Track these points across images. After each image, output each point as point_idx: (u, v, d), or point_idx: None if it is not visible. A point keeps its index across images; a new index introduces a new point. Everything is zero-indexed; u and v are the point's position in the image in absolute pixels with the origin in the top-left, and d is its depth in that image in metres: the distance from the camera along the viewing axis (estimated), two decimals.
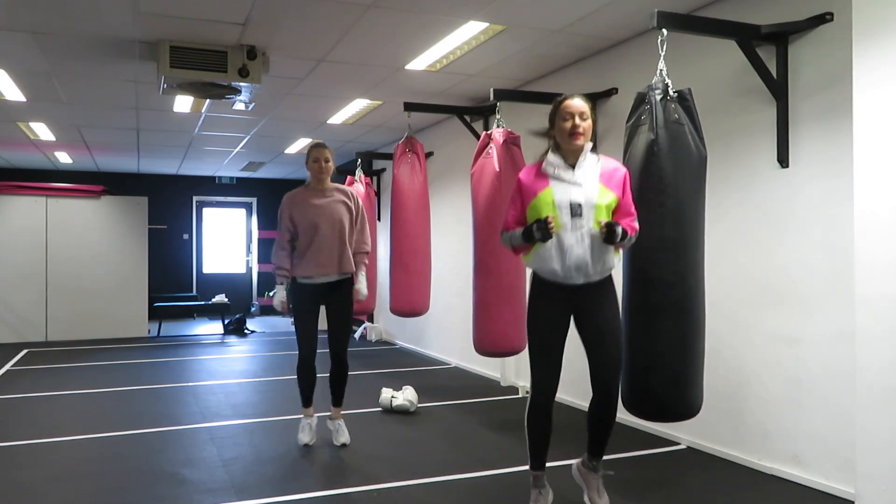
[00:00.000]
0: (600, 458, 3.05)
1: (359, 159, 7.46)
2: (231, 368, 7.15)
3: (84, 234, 9.43)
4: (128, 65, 5.24)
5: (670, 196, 2.91)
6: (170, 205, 12.10)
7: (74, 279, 9.36)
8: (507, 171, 4.30)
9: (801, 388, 3.44)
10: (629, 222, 2.86)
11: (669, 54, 3.02)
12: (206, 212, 12.76)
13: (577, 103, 2.86)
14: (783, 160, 3.52)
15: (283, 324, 11.15)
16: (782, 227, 3.55)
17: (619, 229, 2.73)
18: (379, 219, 8.89)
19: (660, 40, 3.02)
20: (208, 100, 5.72)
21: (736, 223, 3.81)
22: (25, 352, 8.23)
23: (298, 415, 4.63)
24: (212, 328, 10.70)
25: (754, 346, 3.70)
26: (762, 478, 3.56)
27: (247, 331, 10.09)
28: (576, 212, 2.79)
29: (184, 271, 12.45)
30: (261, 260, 12.92)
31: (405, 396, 5.06)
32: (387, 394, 5.14)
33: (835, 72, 3.27)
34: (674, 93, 2.97)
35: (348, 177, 7.24)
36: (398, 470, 3.72)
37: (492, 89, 4.61)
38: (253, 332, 10.17)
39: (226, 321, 10.16)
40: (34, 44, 4.78)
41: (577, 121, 2.82)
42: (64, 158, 10.07)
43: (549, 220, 2.72)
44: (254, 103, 5.68)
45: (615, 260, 2.90)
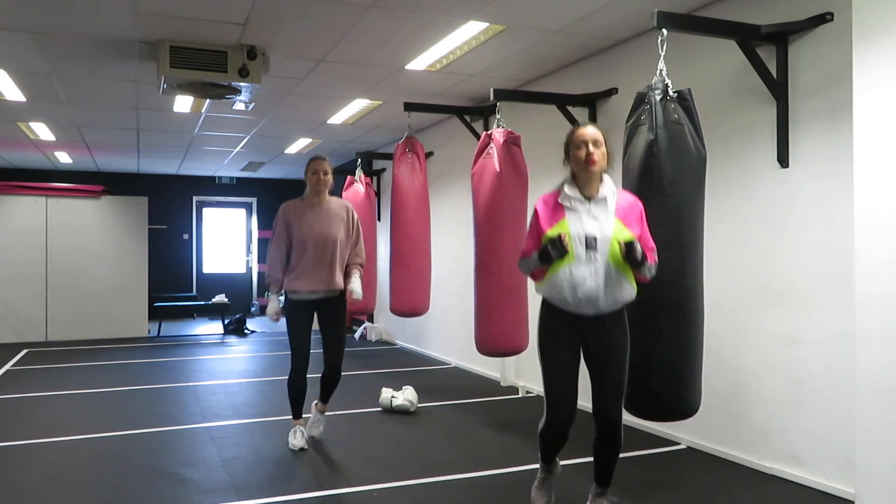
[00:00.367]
0: (607, 487, 3.00)
1: (359, 159, 7.46)
2: (231, 368, 7.15)
3: (84, 234, 9.43)
4: (128, 65, 5.24)
5: (670, 196, 2.91)
6: (170, 205, 12.10)
7: (74, 279, 9.35)
8: (508, 171, 4.29)
9: (801, 388, 3.44)
10: (650, 256, 2.80)
11: (669, 54, 3.02)
12: (206, 212, 12.76)
13: (590, 131, 2.82)
14: (783, 160, 3.52)
15: (282, 324, 11.12)
16: (782, 227, 3.55)
17: (638, 248, 2.68)
18: (379, 219, 8.89)
19: (660, 40, 3.02)
20: (208, 100, 5.72)
21: (736, 223, 3.81)
22: (25, 352, 8.24)
23: None
24: (212, 328, 10.70)
25: (754, 346, 3.70)
26: (762, 478, 3.56)
27: (247, 331, 10.09)
28: (590, 244, 2.74)
29: (184, 271, 12.46)
30: (261, 260, 12.91)
31: (405, 396, 5.06)
32: (387, 394, 5.14)
33: (835, 72, 3.27)
34: (673, 93, 2.97)
35: (348, 177, 7.24)
36: (398, 470, 3.72)
37: (492, 89, 4.61)
38: (253, 332, 10.17)
39: (226, 321, 10.16)
40: (34, 44, 4.78)
41: (591, 148, 2.78)
42: (64, 158, 10.08)
43: (562, 237, 2.70)
44: (254, 103, 5.68)
45: (632, 291, 2.82)
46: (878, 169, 2.74)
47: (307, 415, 4.31)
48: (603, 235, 2.75)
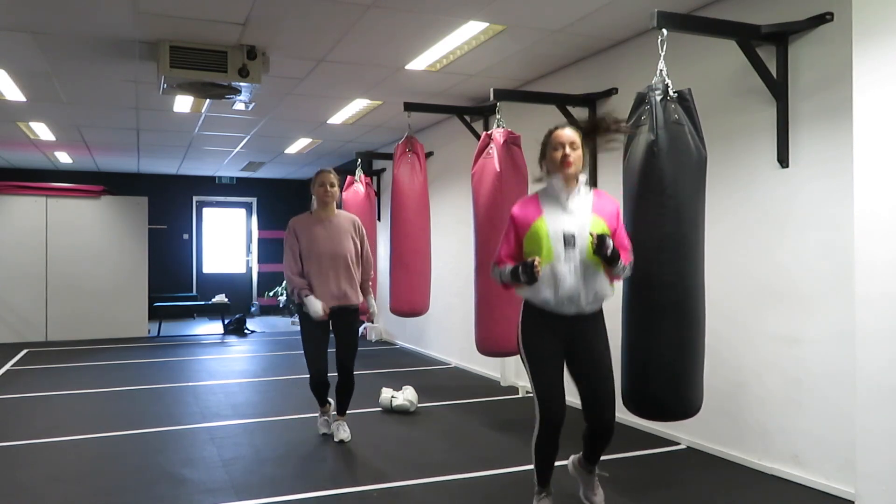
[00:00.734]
0: (596, 464, 3.05)
1: (359, 159, 7.46)
2: (231, 368, 7.15)
3: (84, 234, 9.43)
4: (128, 65, 5.24)
5: (670, 196, 2.91)
6: (170, 205, 12.10)
7: (74, 279, 9.36)
8: (508, 172, 4.30)
9: (801, 388, 3.44)
10: (624, 255, 2.82)
11: (669, 54, 3.02)
12: (206, 212, 12.76)
13: (566, 133, 2.86)
14: (783, 160, 3.52)
15: (282, 324, 11.16)
16: (782, 227, 3.55)
17: (609, 242, 2.69)
18: (379, 219, 8.89)
19: (660, 40, 3.02)
20: (208, 100, 5.72)
21: (736, 223, 3.81)
22: (25, 352, 8.24)
23: (298, 414, 4.68)
24: (212, 328, 10.70)
25: (754, 345, 3.70)
26: (762, 478, 3.56)
27: (247, 331, 10.09)
28: (569, 242, 2.77)
29: (184, 271, 12.46)
30: (261, 260, 12.93)
31: (405, 396, 5.06)
32: (387, 394, 5.14)
33: (835, 72, 3.27)
34: (674, 93, 2.97)
35: (348, 177, 7.24)
36: (398, 469, 3.72)
37: (492, 89, 4.61)
38: (253, 332, 10.18)
39: (226, 321, 10.16)
40: (34, 44, 4.78)
41: (568, 150, 2.82)
42: (64, 158, 10.07)
43: (535, 262, 2.70)
44: (254, 103, 5.68)
45: (609, 291, 2.85)
46: (878, 169, 2.74)
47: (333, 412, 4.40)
48: (581, 232, 2.78)
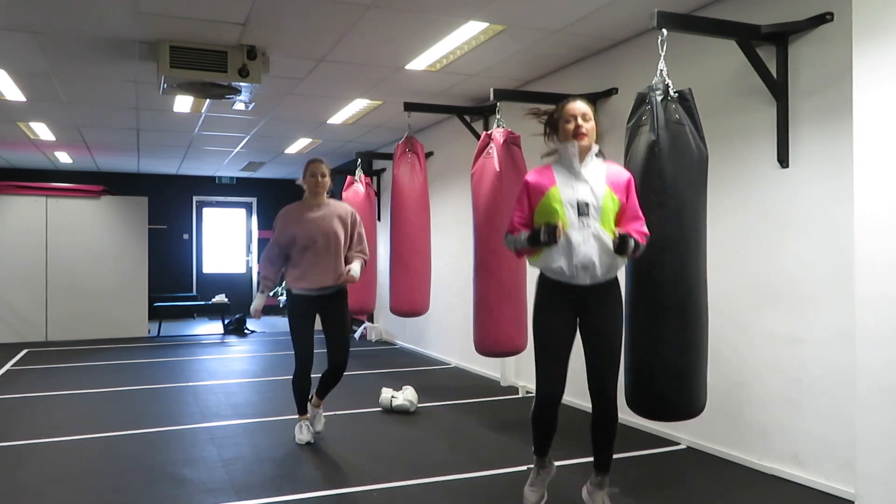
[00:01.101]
0: (606, 472, 3.02)
1: (359, 159, 7.46)
2: (231, 368, 7.15)
3: (84, 234, 9.43)
4: (128, 65, 5.24)
5: (672, 196, 2.91)
6: (170, 205, 12.10)
7: (74, 279, 9.35)
8: (508, 171, 4.29)
9: (801, 388, 3.44)
10: (639, 227, 2.84)
11: (669, 54, 3.02)
12: (206, 212, 12.76)
13: (578, 105, 2.91)
14: (783, 160, 3.52)
15: (282, 324, 11.14)
16: (782, 227, 3.55)
17: (631, 241, 2.72)
18: (379, 219, 8.89)
19: (660, 40, 3.02)
20: (208, 100, 5.72)
21: (736, 223, 3.81)
22: (25, 352, 8.23)
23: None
24: (212, 328, 10.70)
25: (754, 345, 3.70)
26: (762, 478, 3.56)
27: (247, 331, 10.09)
28: (583, 210, 2.80)
29: (184, 271, 12.45)
30: (261, 260, 12.90)
31: (405, 396, 5.06)
32: (387, 394, 5.14)
33: (835, 72, 3.27)
34: (674, 93, 2.97)
35: (348, 177, 7.24)
36: (398, 470, 3.72)
37: (492, 89, 4.61)
38: (253, 332, 10.18)
39: (226, 321, 10.16)
40: (34, 44, 4.78)
41: (580, 121, 2.86)
42: (64, 158, 10.07)
43: (559, 226, 2.73)
44: (254, 103, 5.68)
45: (620, 261, 2.88)
46: (878, 169, 2.74)
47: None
48: (595, 201, 2.81)
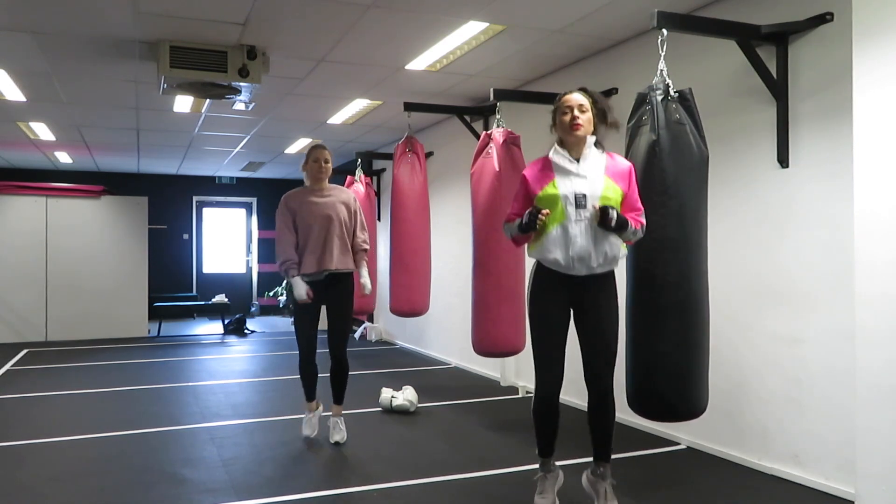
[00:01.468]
0: (607, 462, 3.02)
1: (359, 159, 7.46)
2: (231, 368, 7.15)
3: (84, 234, 9.43)
4: (128, 65, 5.24)
5: (673, 196, 2.91)
6: (170, 205, 12.10)
7: (74, 279, 9.35)
8: (507, 171, 4.30)
9: (802, 388, 3.44)
10: (635, 217, 2.86)
11: (669, 54, 3.02)
12: (206, 212, 12.75)
13: (575, 97, 2.91)
14: (783, 160, 3.52)
15: (283, 324, 11.15)
16: (782, 227, 3.55)
17: (613, 213, 2.75)
18: (379, 219, 8.89)
19: (660, 40, 3.02)
20: (208, 100, 5.72)
21: (736, 223, 3.81)
22: (25, 352, 8.23)
23: (298, 414, 4.64)
24: (212, 328, 10.70)
25: (754, 345, 3.70)
26: (762, 478, 3.56)
27: (247, 331, 10.09)
28: (580, 203, 2.81)
29: (184, 271, 12.45)
30: (261, 260, 12.92)
31: (405, 396, 5.06)
32: (387, 394, 5.14)
33: (835, 72, 3.27)
34: (675, 93, 2.97)
35: (348, 177, 7.24)
36: (398, 470, 3.72)
37: (492, 89, 4.61)
38: (253, 332, 10.18)
39: (226, 321, 10.16)
40: (34, 44, 4.78)
41: (576, 112, 2.87)
42: (64, 158, 10.07)
43: (541, 212, 2.78)
44: (254, 103, 5.68)
45: (621, 252, 2.88)
46: (878, 169, 2.74)
47: (326, 413, 4.36)
48: (592, 193, 2.82)
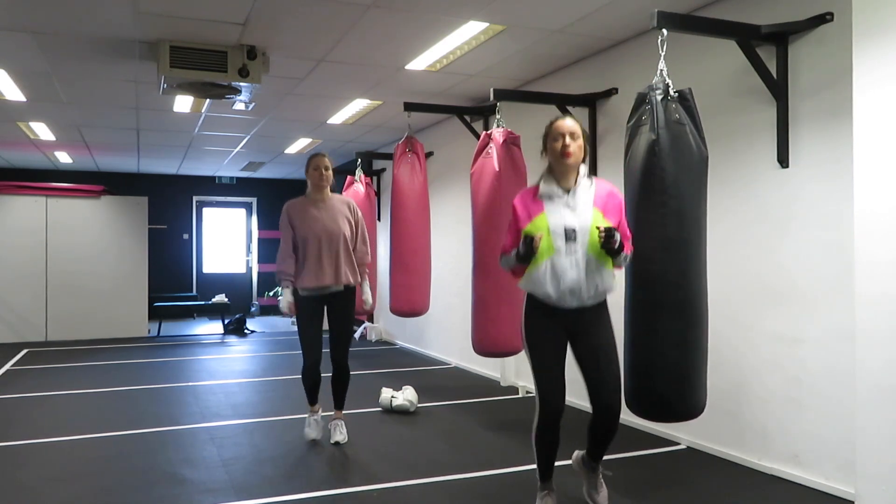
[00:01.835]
0: (600, 460, 3.07)
1: (359, 159, 7.46)
2: (231, 368, 7.15)
3: (84, 234, 9.43)
4: (128, 65, 5.24)
5: (672, 196, 2.91)
6: (170, 205, 12.10)
7: (74, 279, 9.36)
8: (507, 171, 4.30)
9: (802, 388, 3.44)
10: (626, 245, 2.84)
11: (669, 54, 3.02)
12: (206, 212, 12.76)
13: (567, 123, 2.88)
14: (783, 160, 3.52)
15: (283, 324, 11.15)
16: (782, 227, 3.55)
17: (617, 236, 2.72)
18: (379, 219, 8.89)
19: (660, 40, 3.02)
20: (208, 100, 5.72)
21: (736, 223, 3.81)
22: (25, 352, 8.24)
23: (298, 414, 4.64)
24: (212, 328, 10.70)
25: (754, 345, 3.70)
26: (762, 478, 3.56)
27: (247, 331, 10.09)
28: (570, 236, 2.79)
29: (184, 271, 12.46)
30: (261, 260, 12.92)
31: (405, 396, 5.06)
32: (387, 394, 5.14)
33: (835, 72, 3.27)
34: (674, 93, 2.97)
35: (348, 177, 7.24)
36: (398, 470, 3.72)
37: (492, 89, 4.61)
38: (253, 332, 10.18)
39: (226, 321, 10.16)
40: (34, 44, 4.78)
41: (568, 140, 2.84)
42: (64, 158, 10.07)
43: (536, 238, 2.73)
44: (254, 103, 5.68)
45: (612, 283, 2.87)
46: (878, 169, 2.74)
47: (327, 413, 4.36)
48: (582, 226, 2.80)
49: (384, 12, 4.18)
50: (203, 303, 10.96)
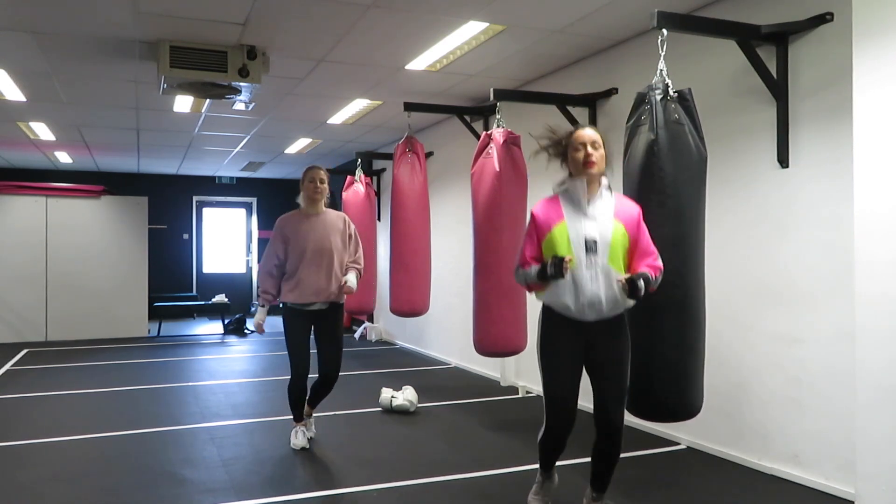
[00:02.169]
0: (604, 493, 2.99)
1: (359, 159, 7.46)
2: (231, 368, 7.15)
3: (84, 234, 9.43)
4: (128, 65, 5.24)
5: (670, 196, 2.91)
6: (170, 205, 12.10)
7: (74, 279, 9.36)
8: (508, 171, 4.30)
9: (801, 388, 3.44)
10: (652, 262, 2.76)
11: (669, 54, 3.02)
12: (206, 212, 12.76)
13: (588, 133, 2.80)
14: (783, 160, 3.52)
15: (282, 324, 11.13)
16: (782, 227, 3.55)
17: (640, 283, 2.64)
18: (379, 219, 8.89)
19: (660, 40, 3.02)
20: (208, 100, 5.72)
21: (736, 223, 3.81)
22: (25, 352, 8.23)
23: None
24: (212, 328, 10.70)
25: (754, 345, 3.70)
26: (762, 478, 3.56)
27: (247, 331, 10.09)
28: (590, 248, 2.71)
29: (184, 271, 12.46)
30: (261, 260, 12.89)
31: (405, 396, 5.06)
32: (387, 394, 5.14)
33: (835, 72, 3.27)
34: (674, 93, 2.97)
35: (348, 177, 7.24)
36: (398, 470, 3.72)
37: (492, 89, 4.61)
38: (253, 332, 10.17)
39: (226, 321, 10.16)
40: (34, 44, 4.78)
41: (590, 149, 2.76)
42: (64, 158, 10.08)
43: (566, 260, 2.64)
44: (254, 103, 5.68)
45: (629, 301, 2.77)
46: (878, 169, 2.74)
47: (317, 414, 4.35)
48: (602, 238, 2.72)
49: (384, 12, 4.18)
50: (203, 303, 10.96)
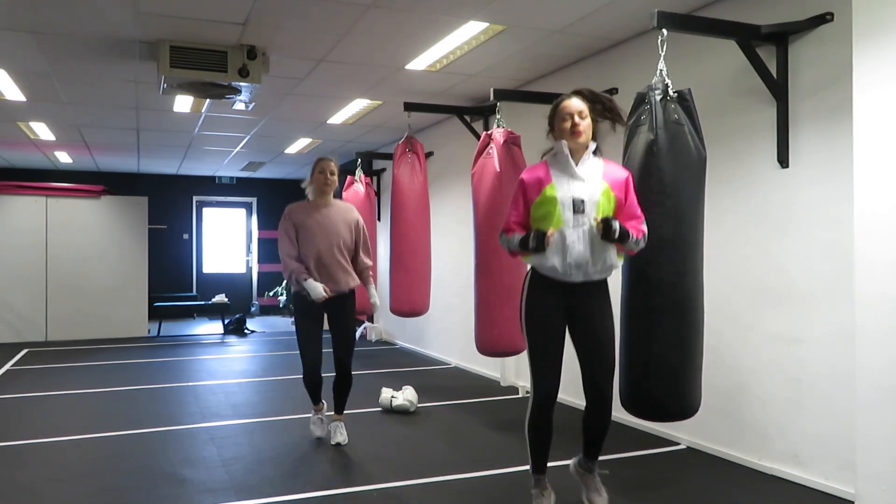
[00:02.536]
0: (595, 459, 3.04)
1: (359, 159, 7.46)
2: (231, 368, 7.15)
3: (84, 234, 9.44)
4: (128, 65, 5.24)
5: (670, 196, 2.91)
6: (170, 205, 12.10)
7: (74, 279, 9.36)
8: (508, 171, 4.30)
9: (801, 388, 3.44)
10: (636, 225, 2.82)
11: (669, 54, 3.02)
12: (206, 212, 12.76)
13: (574, 103, 2.87)
14: (783, 160, 3.52)
15: (283, 324, 11.16)
16: (782, 227, 3.55)
17: (615, 224, 2.71)
18: (379, 219, 8.89)
19: (660, 40, 3.02)
20: (208, 100, 5.72)
21: (736, 223, 3.81)
22: (25, 352, 8.24)
23: (298, 414, 4.64)
24: (212, 328, 10.70)
25: (754, 346, 3.70)
26: (762, 478, 3.56)
27: (247, 331, 10.09)
28: (578, 208, 2.78)
29: (184, 271, 12.46)
30: (261, 260, 12.93)
31: (405, 396, 5.06)
32: (387, 394, 5.14)
33: (835, 72, 3.27)
34: (674, 93, 2.97)
35: (348, 177, 7.24)
36: (398, 470, 3.72)
37: (492, 89, 4.61)
38: (253, 332, 10.17)
39: (226, 321, 10.16)
40: (34, 44, 4.78)
41: (577, 119, 2.83)
42: (64, 158, 10.08)
43: (549, 234, 2.74)
44: (254, 103, 5.68)
45: (617, 261, 2.87)
46: (878, 169, 2.74)
47: (329, 412, 4.36)
48: (590, 198, 2.79)
49: (384, 12, 4.19)
50: (203, 303, 10.97)
